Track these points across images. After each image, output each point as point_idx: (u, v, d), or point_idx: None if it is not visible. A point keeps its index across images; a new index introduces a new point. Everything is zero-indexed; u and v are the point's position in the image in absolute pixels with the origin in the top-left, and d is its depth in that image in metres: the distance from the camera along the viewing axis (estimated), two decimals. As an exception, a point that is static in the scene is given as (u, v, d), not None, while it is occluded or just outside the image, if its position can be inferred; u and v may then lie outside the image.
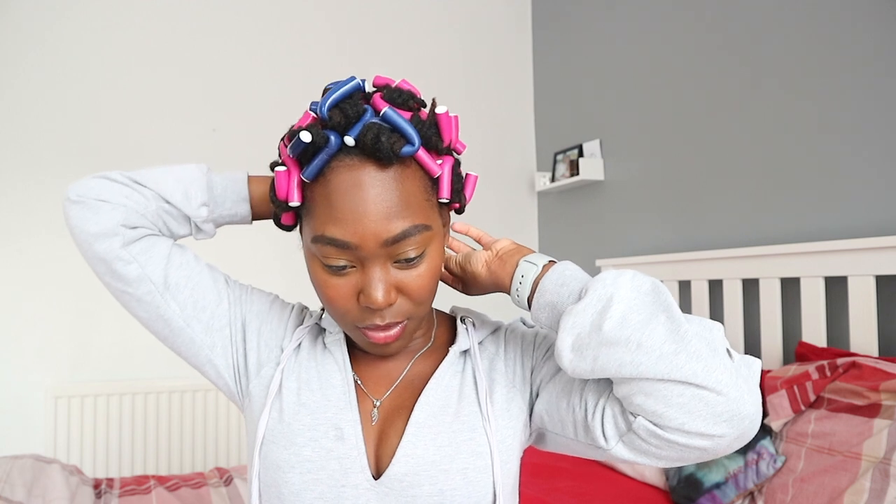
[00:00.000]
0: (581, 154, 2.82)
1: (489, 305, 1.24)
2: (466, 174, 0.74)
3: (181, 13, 2.64)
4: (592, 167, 2.71)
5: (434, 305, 0.85)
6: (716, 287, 2.15)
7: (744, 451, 1.56)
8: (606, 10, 2.75)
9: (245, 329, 0.77)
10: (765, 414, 1.63)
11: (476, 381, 0.74)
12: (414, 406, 0.72)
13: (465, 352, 0.77)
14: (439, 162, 0.68)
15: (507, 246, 0.76)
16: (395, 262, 0.66)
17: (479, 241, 0.83)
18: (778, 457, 1.51)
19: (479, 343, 0.78)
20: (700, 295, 2.15)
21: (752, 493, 1.54)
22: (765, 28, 2.02)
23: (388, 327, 0.68)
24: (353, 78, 0.66)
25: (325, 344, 0.78)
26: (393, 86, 0.68)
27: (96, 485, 1.86)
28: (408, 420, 0.71)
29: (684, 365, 0.58)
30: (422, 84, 0.70)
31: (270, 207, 0.74)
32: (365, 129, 0.62)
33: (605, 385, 0.67)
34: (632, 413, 0.62)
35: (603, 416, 0.65)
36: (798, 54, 1.92)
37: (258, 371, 0.76)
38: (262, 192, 0.77)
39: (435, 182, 0.69)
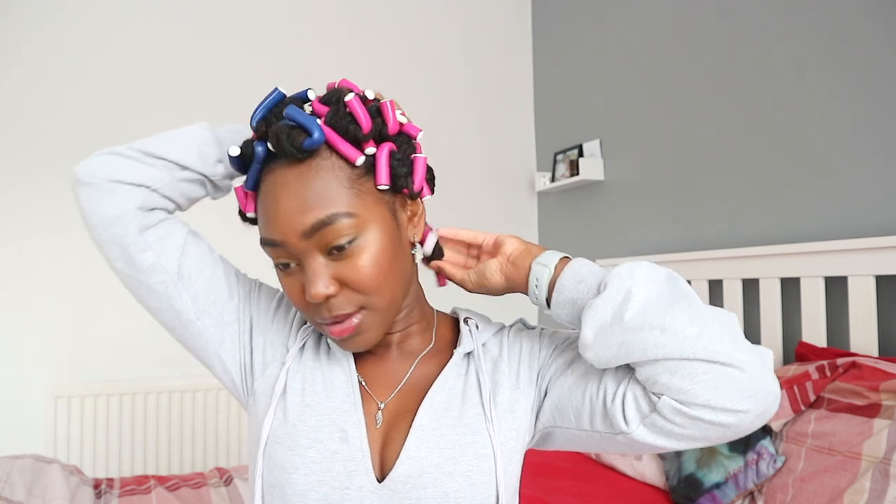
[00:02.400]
0: (581, 154, 2.82)
1: (494, 308, 1.24)
2: (414, 157, 0.72)
3: (181, 13, 2.64)
4: (592, 167, 2.71)
5: (435, 306, 0.84)
6: (716, 287, 2.15)
7: (744, 451, 1.56)
8: (606, 11, 2.75)
9: (252, 327, 0.77)
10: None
11: (480, 384, 0.74)
12: (418, 409, 0.72)
13: (469, 353, 0.77)
14: (370, 152, 0.67)
15: (516, 248, 0.75)
16: (329, 254, 0.66)
17: (474, 243, 0.81)
18: (778, 457, 1.51)
19: (482, 344, 0.78)
20: (700, 295, 2.15)
21: (752, 493, 1.54)
22: (765, 28, 2.02)
23: (341, 321, 0.68)
24: (275, 90, 0.69)
25: (328, 345, 0.78)
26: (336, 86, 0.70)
27: (96, 485, 1.86)
28: (411, 423, 0.71)
29: (708, 345, 0.60)
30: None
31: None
32: (272, 133, 0.65)
33: (625, 372, 0.68)
34: (655, 394, 0.64)
35: (624, 400, 0.66)
36: (798, 54, 1.92)
37: (263, 370, 0.76)
38: None
39: (370, 170, 0.68)
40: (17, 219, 2.40)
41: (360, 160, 0.66)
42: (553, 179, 2.95)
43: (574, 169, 2.75)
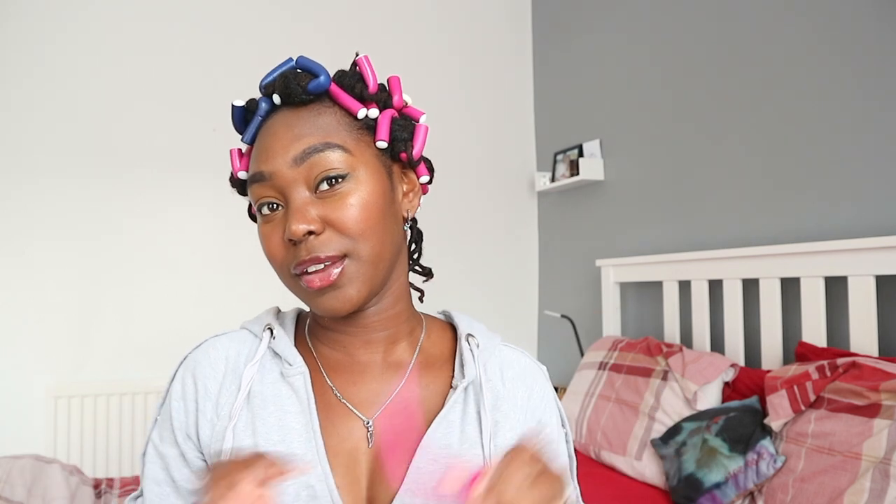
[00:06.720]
0: (581, 154, 2.82)
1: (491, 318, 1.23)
2: (416, 124, 0.70)
3: (181, 13, 2.64)
4: (592, 167, 2.71)
5: (423, 309, 0.79)
6: (716, 287, 2.15)
7: (744, 451, 1.56)
8: (606, 11, 2.75)
9: (199, 442, 0.69)
10: (765, 414, 1.63)
11: (480, 420, 0.68)
12: (415, 446, 0.66)
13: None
14: (373, 114, 0.67)
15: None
16: (318, 192, 0.62)
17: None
18: (778, 457, 1.51)
19: (483, 365, 0.71)
20: (700, 295, 2.15)
21: (752, 493, 1.54)
22: (765, 28, 2.02)
23: (324, 269, 0.62)
24: (289, 59, 0.69)
25: (281, 375, 0.69)
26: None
27: (96, 485, 1.86)
28: (408, 464, 0.65)
29: None
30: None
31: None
32: (280, 77, 0.65)
33: None
34: None
35: None
36: (798, 54, 1.92)
37: (210, 441, 0.68)
38: None
39: (371, 129, 0.66)
40: (17, 219, 2.40)
41: (362, 112, 0.65)
42: (553, 179, 2.95)
43: (574, 169, 2.75)
